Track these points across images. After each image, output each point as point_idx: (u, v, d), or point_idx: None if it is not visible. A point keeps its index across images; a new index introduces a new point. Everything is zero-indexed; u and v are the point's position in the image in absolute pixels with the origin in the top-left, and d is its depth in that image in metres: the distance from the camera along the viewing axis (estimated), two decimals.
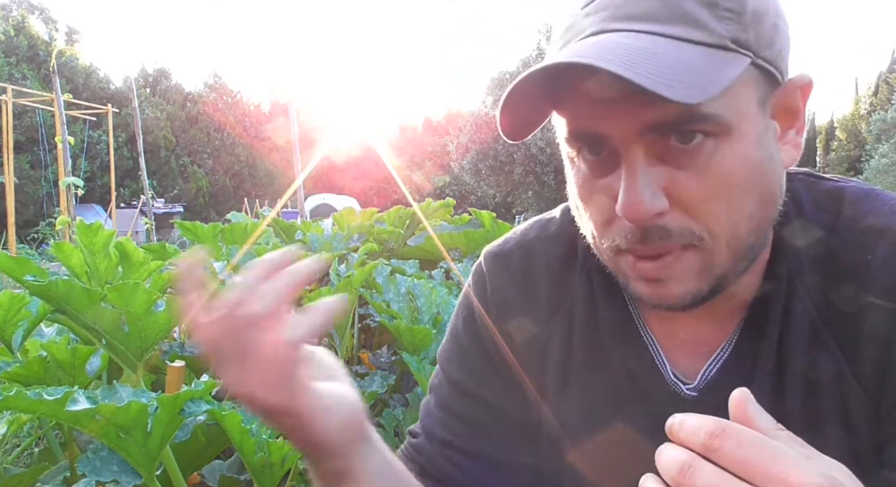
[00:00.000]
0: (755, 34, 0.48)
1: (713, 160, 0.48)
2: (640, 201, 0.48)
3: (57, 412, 0.85)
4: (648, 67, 0.44)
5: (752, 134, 0.49)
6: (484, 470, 0.66)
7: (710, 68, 0.45)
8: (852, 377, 0.53)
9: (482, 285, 0.70)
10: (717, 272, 0.51)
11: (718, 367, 0.59)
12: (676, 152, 0.48)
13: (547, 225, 0.70)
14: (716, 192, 0.49)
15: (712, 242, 0.50)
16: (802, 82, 0.53)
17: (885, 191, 0.58)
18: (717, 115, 0.47)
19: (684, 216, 0.49)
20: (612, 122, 0.49)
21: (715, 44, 0.47)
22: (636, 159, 0.49)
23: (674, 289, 0.52)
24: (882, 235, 0.53)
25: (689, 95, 0.43)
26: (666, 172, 0.49)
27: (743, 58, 0.48)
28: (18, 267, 1.27)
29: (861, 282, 0.53)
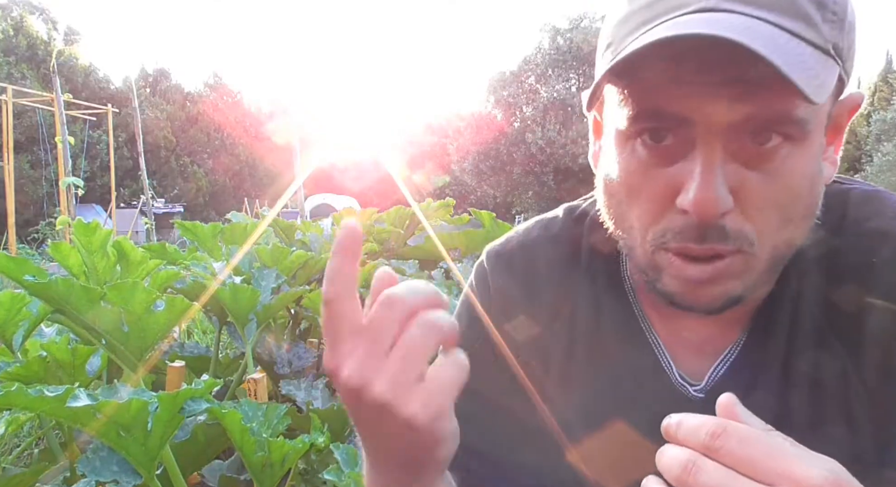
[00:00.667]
0: (846, 44, 0.47)
1: (785, 166, 0.47)
2: (715, 197, 0.45)
3: (57, 409, 0.85)
4: (781, 54, 0.41)
5: (817, 145, 0.48)
6: (490, 471, 0.66)
7: (821, 70, 0.44)
8: (856, 377, 0.53)
9: (484, 284, 0.70)
10: (754, 278, 0.50)
11: (726, 368, 0.59)
12: (751, 152, 0.46)
13: (549, 224, 0.70)
14: (779, 199, 0.47)
15: (760, 248, 0.49)
16: (854, 102, 0.52)
17: (890, 192, 0.58)
18: (805, 121, 0.45)
19: (744, 219, 0.48)
20: (702, 107, 0.45)
21: (821, 46, 0.45)
22: (715, 153, 0.46)
23: (713, 291, 0.50)
24: (886, 238, 0.53)
25: (813, 91, 0.41)
26: (737, 170, 0.47)
27: (836, 66, 0.46)
28: (17, 268, 1.27)
29: (865, 284, 0.53)
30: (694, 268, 0.49)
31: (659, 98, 0.47)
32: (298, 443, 1.06)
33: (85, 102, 11.32)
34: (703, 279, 0.49)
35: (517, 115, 21.26)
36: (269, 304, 1.55)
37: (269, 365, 1.67)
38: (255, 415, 1.14)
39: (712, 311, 0.51)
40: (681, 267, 0.50)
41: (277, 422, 1.15)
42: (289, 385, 1.39)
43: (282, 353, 1.70)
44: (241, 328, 1.54)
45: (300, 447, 1.07)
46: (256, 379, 1.40)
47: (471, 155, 21.61)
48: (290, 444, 1.05)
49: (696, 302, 0.51)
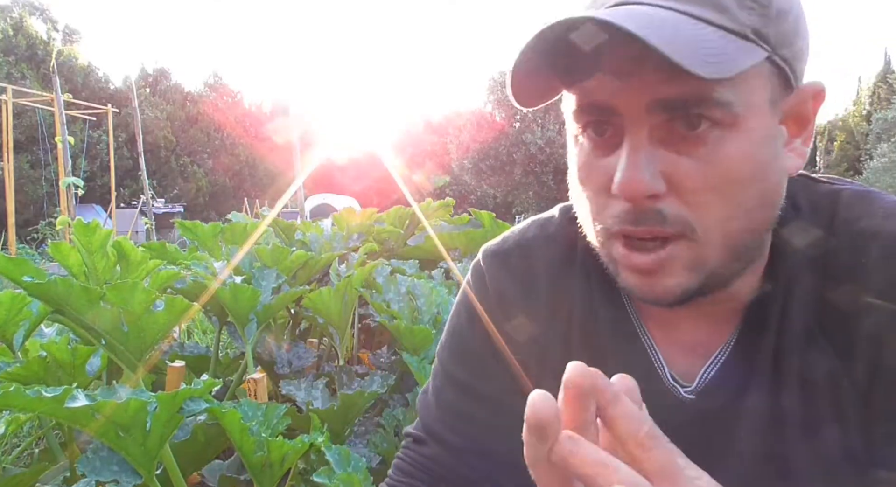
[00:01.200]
0: (776, 30, 0.48)
1: (717, 151, 0.48)
2: (638, 179, 0.47)
3: (56, 410, 0.85)
4: (668, 37, 0.43)
5: (760, 131, 0.49)
6: (491, 470, 0.66)
7: (729, 52, 0.45)
8: (846, 377, 0.54)
9: (482, 283, 0.70)
10: (708, 268, 0.51)
11: (717, 369, 0.59)
12: (681, 138, 0.48)
13: (546, 224, 0.70)
14: (715, 184, 0.48)
15: (705, 235, 0.49)
16: (815, 90, 0.53)
17: (880, 193, 0.59)
18: (728, 103, 0.47)
19: (681, 204, 0.49)
20: (623, 96, 0.48)
21: (736, 30, 0.47)
22: (640, 137, 0.48)
23: (664, 282, 0.51)
24: (875, 238, 0.53)
25: (706, 70, 0.43)
26: (668, 157, 0.48)
27: (760, 50, 0.47)
28: (16, 268, 1.27)
29: (855, 284, 0.53)
30: (638, 257, 0.51)
31: (591, 92, 0.50)
32: (298, 443, 1.06)
33: (85, 102, 11.32)
34: (648, 268, 0.51)
35: (517, 115, 21.25)
36: (269, 304, 1.55)
37: (269, 365, 1.67)
38: (254, 415, 1.14)
39: (674, 304, 0.52)
40: (627, 257, 0.52)
41: (277, 422, 1.15)
42: (289, 385, 1.39)
43: (282, 353, 1.70)
44: (241, 328, 1.54)
45: (300, 447, 1.07)
46: (256, 378, 1.40)
47: (471, 154, 21.60)
48: (289, 444, 1.05)
49: (653, 294, 0.52)
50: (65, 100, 6.10)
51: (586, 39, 0.46)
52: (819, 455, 0.54)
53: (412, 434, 0.72)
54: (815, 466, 0.54)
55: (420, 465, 0.69)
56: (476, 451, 0.67)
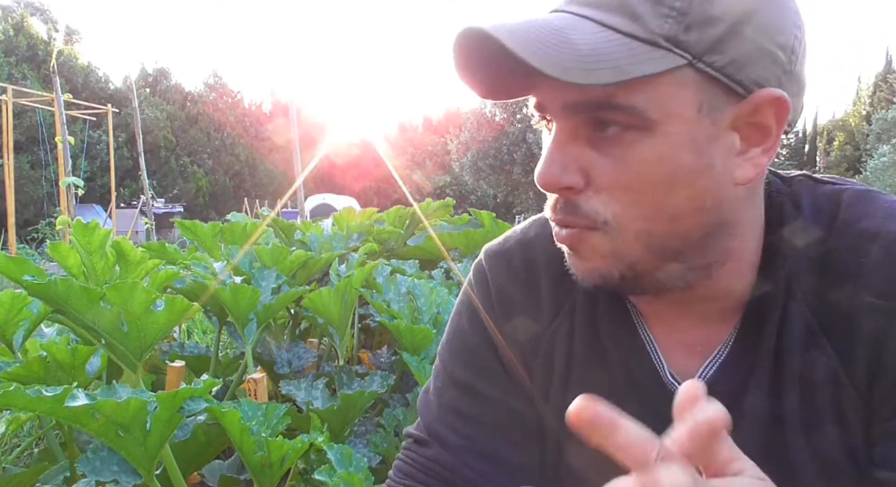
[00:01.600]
0: (698, 37, 0.47)
1: (631, 152, 0.50)
2: (550, 172, 0.52)
3: (56, 409, 0.85)
4: (549, 44, 0.47)
5: (682, 136, 0.49)
6: (492, 470, 0.66)
7: (622, 59, 0.46)
8: (845, 377, 0.54)
9: (484, 283, 0.70)
10: (627, 261, 0.53)
11: (716, 368, 0.59)
12: (598, 137, 0.51)
13: (547, 223, 0.70)
14: (628, 183, 0.50)
15: (618, 230, 0.52)
16: (770, 98, 0.50)
17: (882, 193, 0.59)
18: (634, 108, 0.48)
19: (596, 199, 0.52)
20: (545, 97, 0.53)
21: (644, 38, 0.47)
22: (561, 132, 0.52)
23: (582, 264, 0.55)
24: (875, 238, 0.53)
25: (572, 74, 0.46)
26: (588, 154, 0.51)
27: (676, 58, 0.47)
28: (16, 268, 1.27)
29: (855, 284, 0.53)
30: (560, 232, 0.55)
31: (537, 92, 0.54)
32: (298, 443, 1.06)
33: (85, 102, 11.32)
34: (564, 242, 0.56)
35: (517, 115, 21.25)
36: (269, 304, 1.55)
37: (269, 365, 1.67)
38: (254, 415, 1.14)
39: (599, 286, 0.56)
40: (556, 233, 0.56)
41: (277, 422, 1.15)
42: (289, 385, 1.39)
43: (282, 353, 1.70)
44: (241, 328, 1.54)
45: (300, 447, 1.07)
46: (256, 378, 1.40)
47: (471, 153, 21.60)
48: (289, 444, 1.05)
49: (577, 272, 0.57)
50: (65, 100, 6.10)
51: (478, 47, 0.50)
52: (819, 454, 0.54)
53: (413, 435, 0.72)
54: (815, 465, 0.54)
55: (421, 466, 0.69)
56: (477, 452, 0.67)
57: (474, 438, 0.67)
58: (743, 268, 0.57)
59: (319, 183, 26.83)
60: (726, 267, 0.56)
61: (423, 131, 32.72)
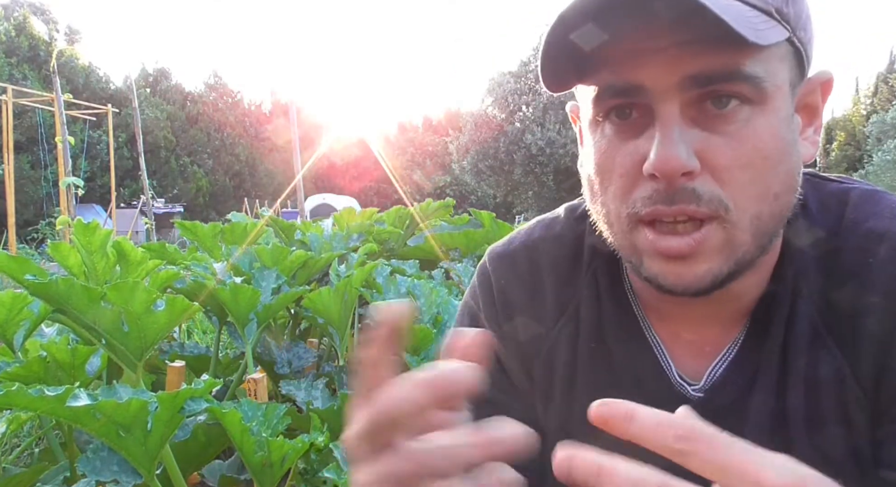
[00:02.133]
0: (795, 12, 0.49)
1: (747, 127, 0.48)
2: (675, 155, 0.46)
3: (57, 409, 0.85)
4: (711, 3, 0.43)
5: (784, 111, 0.49)
6: None
7: (761, 24, 0.46)
8: (851, 377, 0.53)
9: (488, 285, 0.70)
10: (739, 252, 0.50)
11: (724, 368, 0.59)
12: (711, 116, 0.48)
13: (551, 224, 0.70)
14: (747, 161, 0.48)
15: (737, 216, 0.49)
16: (823, 79, 0.54)
17: (889, 193, 0.59)
18: (758, 78, 0.47)
19: (714, 182, 0.48)
20: (653, 72, 0.47)
21: (762, 8, 0.47)
22: (672, 114, 0.47)
23: (695, 268, 0.50)
24: (882, 239, 0.53)
25: (754, 36, 0.43)
26: (700, 135, 0.48)
27: (783, 30, 0.48)
28: (18, 267, 1.27)
29: (862, 284, 0.53)
30: (671, 240, 0.49)
31: (618, 70, 0.49)
32: (298, 443, 1.06)
33: (85, 102, 11.33)
34: (682, 252, 0.49)
35: (517, 115, 21.25)
36: (269, 304, 1.55)
37: (269, 365, 1.67)
38: (254, 415, 1.14)
39: (700, 292, 0.51)
40: (657, 242, 0.50)
41: (277, 422, 1.15)
42: (289, 385, 1.39)
43: (282, 353, 1.70)
44: (241, 328, 1.54)
45: (300, 446, 1.07)
46: (256, 378, 1.40)
47: (470, 154, 21.60)
48: (289, 444, 1.05)
49: (682, 282, 0.51)
50: (65, 101, 6.10)
51: (624, 19, 0.45)
52: (825, 454, 0.54)
53: None
54: (821, 465, 0.54)
55: None
56: None
57: None
58: (767, 266, 0.57)
59: (319, 183, 26.84)
60: (759, 261, 0.54)
61: (424, 131, 32.72)
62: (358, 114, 7.25)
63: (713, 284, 0.50)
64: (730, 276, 0.51)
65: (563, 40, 0.48)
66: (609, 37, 0.47)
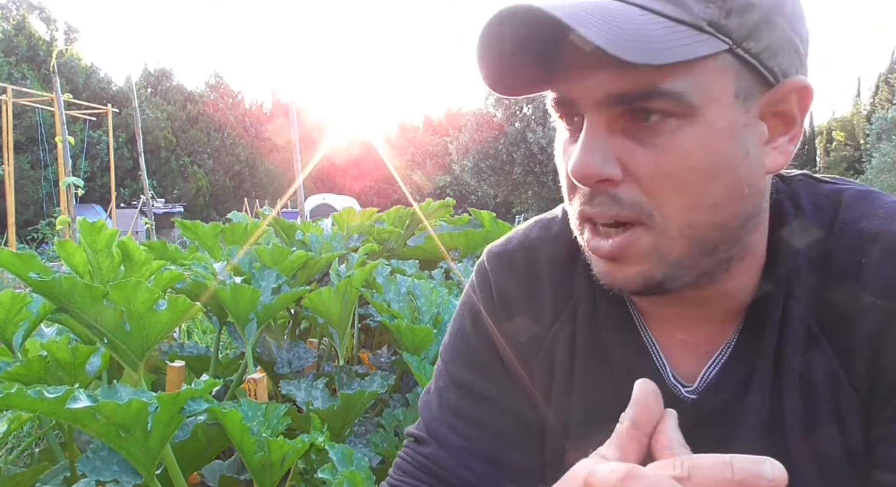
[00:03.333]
0: (738, 23, 0.48)
1: (672, 140, 0.49)
2: (588, 162, 0.49)
3: (57, 410, 0.85)
4: (599, 26, 0.45)
5: (722, 123, 0.49)
6: (493, 472, 0.66)
7: (671, 41, 0.46)
8: (845, 377, 0.54)
9: (486, 285, 0.70)
10: (670, 258, 0.51)
11: (718, 369, 0.59)
12: (638, 128, 0.49)
13: (549, 224, 0.70)
14: (670, 172, 0.49)
15: (663, 223, 0.50)
16: (797, 86, 0.52)
17: (882, 193, 0.59)
18: (678, 94, 0.47)
19: (637, 190, 0.50)
20: (579, 91, 0.50)
21: (689, 22, 0.47)
22: (596, 125, 0.50)
23: (625, 269, 0.53)
24: (875, 239, 0.53)
25: (632, 54, 0.44)
26: (626, 145, 0.50)
27: (718, 43, 0.48)
28: (23, 264, 1.27)
29: (855, 285, 0.53)
30: (600, 241, 0.53)
31: (559, 85, 0.53)
32: (298, 443, 1.06)
33: (85, 102, 11.33)
34: (610, 253, 0.52)
35: (517, 115, 21.25)
36: (269, 304, 1.55)
37: (269, 365, 1.67)
38: (254, 415, 1.14)
39: (637, 292, 0.54)
40: (590, 240, 0.54)
41: (277, 422, 1.15)
42: (288, 385, 1.39)
43: (282, 353, 1.70)
44: (241, 328, 1.54)
45: (300, 447, 1.07)
46: (256, 378, 1.40)
47: (471, 153, 21.59)
48: (289, 444, 1.05)
49: (616, 281, 0.54)
50: (65, 100, 6.10)
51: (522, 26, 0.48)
52: (819, 455, 0.54)
53: (413, 434, 0.72)
54: (815, 466, 0.55)
55: (421, 465, 0.69)
56: (477, 452, 0.67)
57: (474, 439, 0.67)
58: (753, 266, 0.57)
59: (319, 183, 26.84)
60: (741, 265, 0.56)
61: (424, 131, 32.71)
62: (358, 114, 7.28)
63: (646, 286, 0.53)
64: (667, 280, 0.52)
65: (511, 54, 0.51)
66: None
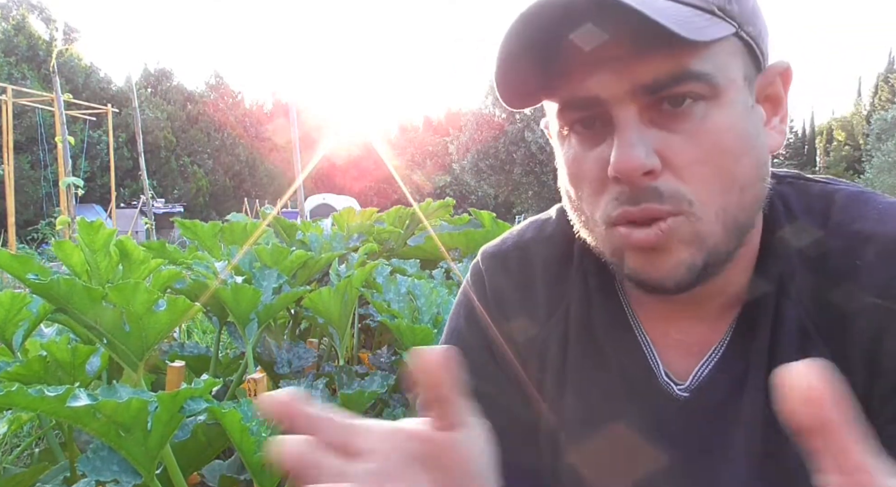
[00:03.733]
0: (739, 8, 0.50)
1: (704, 123, 0.49)
2: (634, 155, 0.48)
3: (58, 409, 0.85)
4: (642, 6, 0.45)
5: (740, 104, 0.51)
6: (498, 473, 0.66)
7: (696, 23, 0.47)
8: (840, 378, 0.53)
9: (481, 284, 0.71)
10: (709, 243, 0.51)
11: (710, 368, 0.59)
12: (668, 116, 0.50)
13: (543, 225, 0.71)
14: (707, 156, 0.50)
15: (702, 209, 0.50)
16: (780, 68, 0.55)
17: (875, 194, 0.59)
18: (708, 75, 0.48)
19: (676, 179, 0.50)
20: (604, 83, 0.49)
21: (703, 7, 0.49)
22: (629, 118, 0.49)
23: (667, 260, 0.52)
24: (869, 241, 0.54)
25: (686, 31, 0.45)
26: (659, 135, 0.50)
27: (728, 26, 0.49)
28: (21, 266, 1.27)
29: (851, 285, 0.53)
30: (640, 232, 0.51)
31: (573, 86, 0.51)
32: None
33: (85, 102, 11.33)
34: (650, 243, 0.51)
35: (517, 115, 21.25)
36: (270, 304, 1.55)
37: (269, 365, 1.67)
38: (254, 415, 1.14)
39: (680, 285, 0.52)
40: (629, 235, 0.52)
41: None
42: (288, 385, 1.39)
43: (282, 353, 1.70)
44: (242, 328, 1.54)
45: None
46: (256, 378, 1.40)
47: (471, 153, 21.60)
48: None
49: (657, 274, 0.52)
50: (65, 100, 6.10)
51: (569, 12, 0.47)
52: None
53: None
54: (811, 466, 0.54)
55: None
56: None
57: None
58: (745, 262, 0.57)
59: (319, 183, 26.85)
60: (737, 258, 0.56)
61: (424, 131, 32.73)
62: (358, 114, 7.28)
63: (690, 275, 0.52)
64: (706, 268, 0.52)
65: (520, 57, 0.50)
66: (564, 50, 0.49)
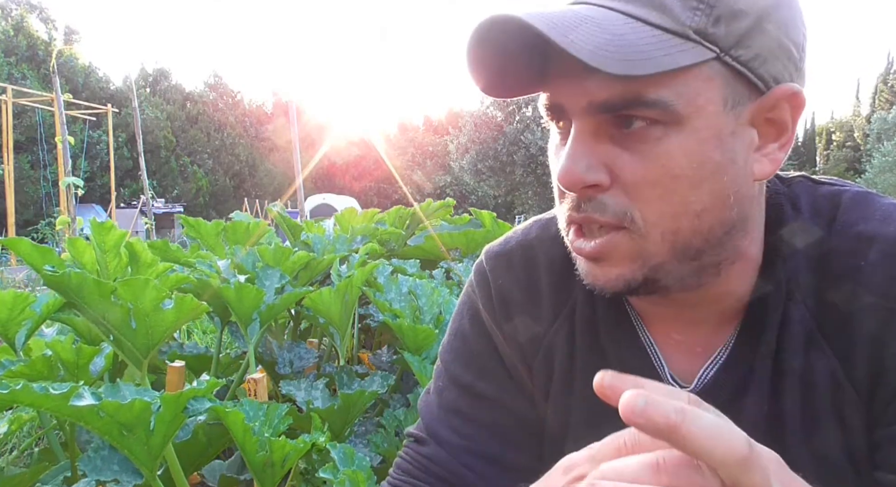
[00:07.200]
0: (726, 30, 0.48)
1: (658, 146, 0.49)
2: (573, 169, 0.50)
3: (62, 407, 0.86)
4: (582, 34, 0.45)
5: (708, 131, 0.49)
6: (492, 471, 0.66)
7: (655, 50, 0.46)
8: (845, 379, 0.54)
9: (485, 284, 0.71)
10: (652, 262, 0.52)
11: (716, 369, 0.59)
12: (624, 134, 0.50)
13: (548, 224, 0.71)
14: (655, 179, 0.49)
15: (645, 228, 0.51)
16: (787, 93, 0.51)
17: (880, 196, 0.59)
18: (664, 103, 0.47)
19: (623, 196, 0.50)
20: (566, 97, 0.51)
21: (674, 30, 0.47)
22: (582, 131, 0.51)
23: (607, 272, 0.53)
24: (872, 242, 0.54)
25: (614, 66, 0.44)
26: (611, 151, 0.50)
27: (705, 51, 0.47)
28: (40, 257, 1.29)
29: (854, 286, 0.53)
30: (583, 242, 0.53)
31: (550, 91, 0.53)
32: (300, 443, 1.07)
33: (85, 102, 11.33)
34: (592, 254, 0.53)
35: (517, 116, 21.25)
36: (273, 304, 1.55)
37: (270, 365, 1.67)
38: (256, 415, 1.15)
39: (618, 292, 0.54)
40: (574, 241, 0.54)
41: (279, 422, 1.15)
42: (288, 385, 1.39)
43: (283, 353, 1.70)
44: (244, 327, 1.55)
45: (301, 446, 1.07)
46: (257, 378, 1.41)
47: (470, 154, 21.59)
48: (291, 444, 1.06)
49: (597, 282, 0.54)
50: (65, 100, 6.09)
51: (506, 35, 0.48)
52: (819, 456, 0.55)
53: (414, 435, 0.72)
54: (816, 467, 0.55)
55: (421, 465, 0.69)
56: (477, 452, 0.67)
57: (474, 438, 0.67)
58: (748, 268, 0.57)
59: (319, 183, 26.84)
60: (735, 267, 0.56)
61: (424, 131, 32.71)
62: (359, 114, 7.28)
63: (627, 288, 0.53)
64: (647, 284, 0.53)
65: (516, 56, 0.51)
66: None
